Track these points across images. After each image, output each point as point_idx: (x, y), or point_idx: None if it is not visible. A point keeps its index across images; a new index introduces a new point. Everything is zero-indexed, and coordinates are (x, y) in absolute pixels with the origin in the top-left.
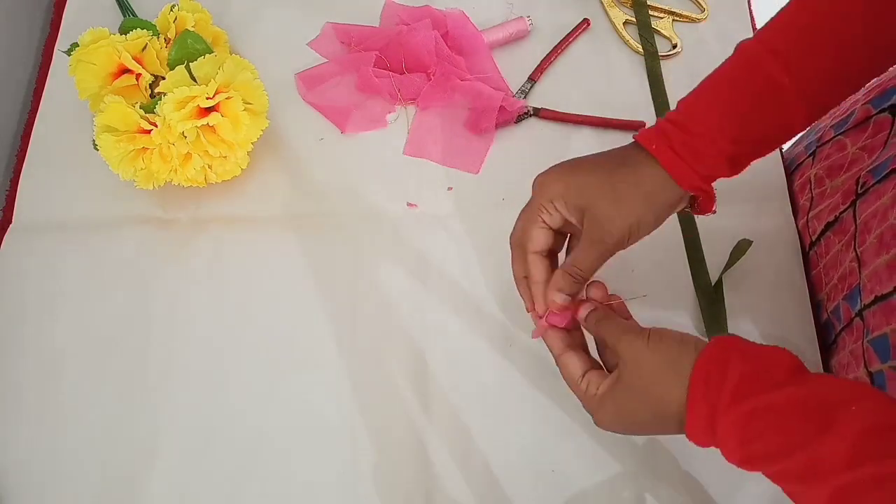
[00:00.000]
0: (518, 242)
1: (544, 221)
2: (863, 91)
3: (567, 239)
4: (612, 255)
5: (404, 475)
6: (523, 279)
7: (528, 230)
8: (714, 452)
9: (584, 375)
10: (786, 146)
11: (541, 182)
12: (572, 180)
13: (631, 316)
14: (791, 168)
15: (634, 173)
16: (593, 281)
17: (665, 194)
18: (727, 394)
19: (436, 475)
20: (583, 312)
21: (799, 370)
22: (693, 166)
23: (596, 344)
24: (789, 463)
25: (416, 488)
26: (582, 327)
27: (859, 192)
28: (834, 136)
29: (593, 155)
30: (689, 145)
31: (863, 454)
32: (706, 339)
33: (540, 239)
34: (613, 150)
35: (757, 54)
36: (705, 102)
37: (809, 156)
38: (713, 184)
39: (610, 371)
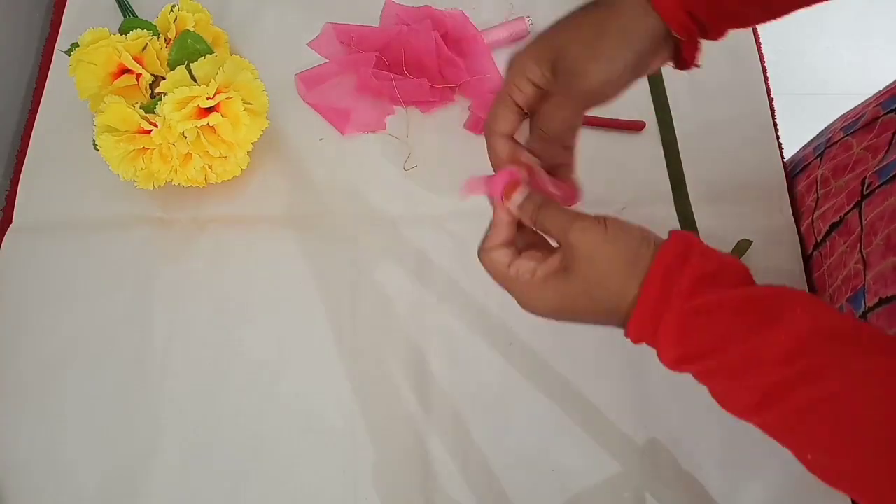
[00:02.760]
0: (486, 128)
1: (515, 102)
2: (875, 94)
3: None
4: (586, 110)
5: (404, 475)
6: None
7: (496, 111)
8: (713, 451)
9: (510, 264)
10: (792, 149)
11: (512, 59)
12: (541, 40)
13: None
14: (797, 169)
15: (607, 10)
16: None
17: (642, 24)
18: (683, 289)
19: (436, 475)
20: (518, 197)
21: (750, 279)
22: None
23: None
24: (724, 357)
25: (416, 488)
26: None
27: (865, 192)
28: (842, 138)
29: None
30: None
31: (802, 351)
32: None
33: (507, 119)
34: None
35: None
36: None
37: (817, 157)
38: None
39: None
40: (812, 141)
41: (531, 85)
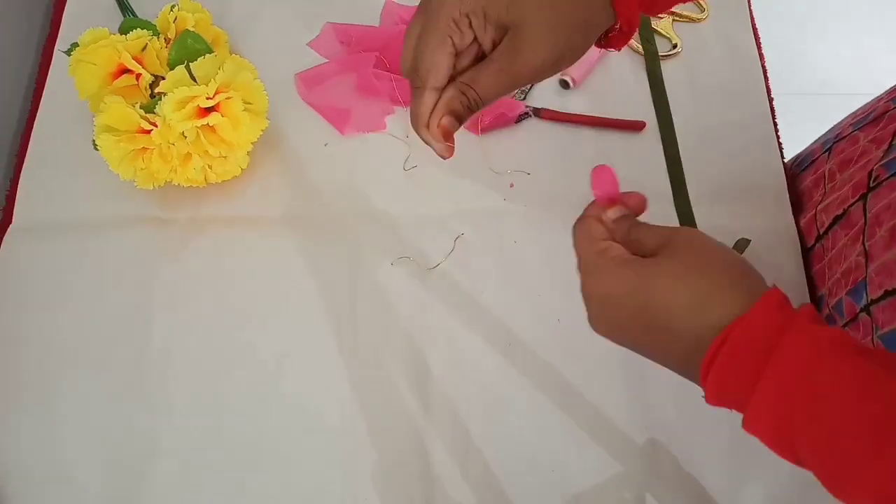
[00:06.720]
0: (418, 72)
1: (454, 44)
2: (888, 90)
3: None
4: (522, 86)
5: (404, 476)
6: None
7: (435, 56)
8: (713, 451)
9: (604, 240)
10: (792, 150)
11: None
12: None
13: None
14: (805, 164)
15: None
16: (633, 193)
17: (602, 18)
18: (806, 318)
19: (436, 475)
20: (614, 212)
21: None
22: None
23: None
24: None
25: (417, 489)
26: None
27: (871, 185)
28: (851, 132)
29: None
30: None
31: None
32: None
33: (444, 68)
34: None
35: None
36: None
37: (825, 152)
38: None
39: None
40: (820, 137)
41: (471, 31)
